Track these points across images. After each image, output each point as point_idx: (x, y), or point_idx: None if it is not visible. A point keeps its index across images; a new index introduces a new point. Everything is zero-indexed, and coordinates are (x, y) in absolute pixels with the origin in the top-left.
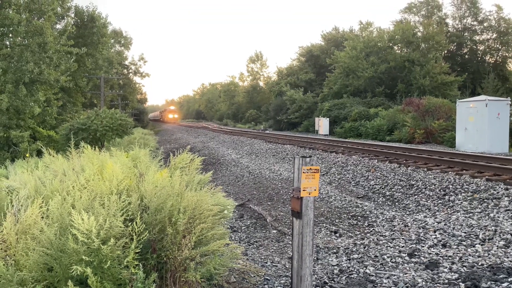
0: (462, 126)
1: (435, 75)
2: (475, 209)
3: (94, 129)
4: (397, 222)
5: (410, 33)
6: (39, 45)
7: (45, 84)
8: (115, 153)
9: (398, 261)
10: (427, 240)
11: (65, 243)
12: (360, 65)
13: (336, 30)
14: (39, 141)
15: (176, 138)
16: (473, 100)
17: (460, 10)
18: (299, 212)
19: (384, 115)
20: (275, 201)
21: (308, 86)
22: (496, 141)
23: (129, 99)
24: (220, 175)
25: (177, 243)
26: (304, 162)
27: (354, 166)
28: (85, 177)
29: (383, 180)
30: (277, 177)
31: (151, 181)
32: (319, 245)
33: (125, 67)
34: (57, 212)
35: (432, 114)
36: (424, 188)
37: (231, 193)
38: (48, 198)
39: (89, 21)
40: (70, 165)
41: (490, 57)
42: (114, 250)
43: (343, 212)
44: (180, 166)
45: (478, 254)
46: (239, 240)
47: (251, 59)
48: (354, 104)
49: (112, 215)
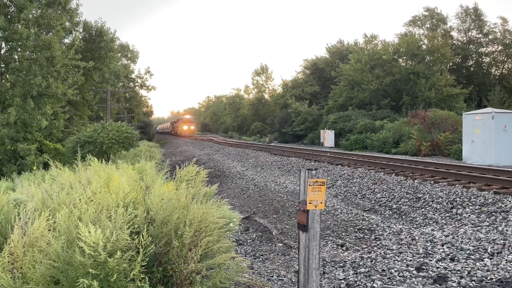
0: (468, 138)
1: (440, 87)
2: (483, 223)
3: (101, 142)
4: (404, 235)
5: (415, 46)
6: (47, 59)
7: (52, 98)
8: (121, 165)
9: (405, 275)
10: (435, 253)
11: (72, 255)
12: (365, 77)
13: (340, 43)
14: (45, 153)
15: (182, 150)
16: (479, 112)
17: (465, 23)
18: (305, 225)
19: (389, 128)
20: (280, 214)
21: (313, 98)
22: (503, 154)
23: (135, 112)
24: (226, 187)
25: (183, 256)
26: (310, 175)
27: (360, 179)
28: (92, 189)
29: (390, 193)
30: (283, 189)
31: (157, 194)
32: (326, 259)
33: (131, 80)
34: (64, 224)
35: (438, 127)
36: (431, 201)
37: (236, 205)
38: (55, 210)
39: (97, 35)
40: (77, 178)
41: (496, 69)
42: (121, 263)
43: (350, 225)
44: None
45: (486, 268)
46: (245, 253)
47: (256, 72)
48: (360, 117)
49: (118, 228)
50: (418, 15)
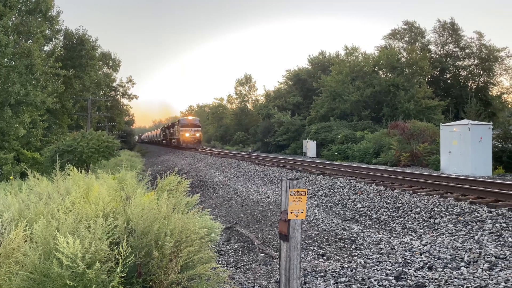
0: (446, 149)
1: (419, 99)
2: (460, 232)
3: (80, 151)
4: (383, 244)
5: (395, 59)
6: (26, 67)
7: (31, 106)
8: (102, 175)
9: (385, 284)
10: (413, 263)
11: (49, 267)
12: (346, 89)
13: (322, 55)
14: (23, 163)
15: (163, 160)
16: (457, 124)
17: (442, 37)
18: (286, 235)
19: (370, 138)
20: (262, 224)
21: (295, 109)
22: (479, 164)
23: (116, 120)
24: (208, 197)
25: (163, 267)
26: (291, 185)
27: (341, 189)
28: (71, 199)
29: (370, 202)
30: (265, 199)
31: (138, 204)
32: (307, 269)
33: (113, 89)
34: (42, 235)
35: (417, 138)
36: (410, 211)
37: (218, 215)
38: (32, 221)
39: (78, 43)
40: (55, 188)
41: (472, 82)
42: (99, 274)
43: (331, 235)
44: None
45: (463, 277)
46: (226, 263)
47: (239, 82)
48: (341, 127)
49: (97, 239)
50: (397, 29)
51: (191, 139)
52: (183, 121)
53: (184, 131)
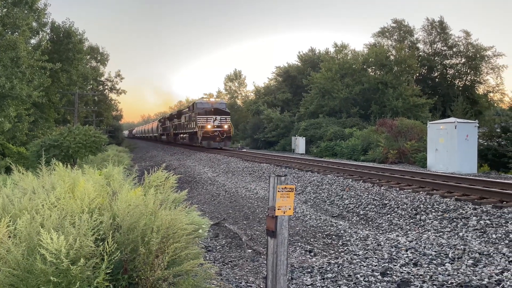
0: (433, 147)
1: (407, 97)
2: (445, 228)
3: (67, 146)
4: (370, 241)
5: (384, 56)
6: (11, 60)
7: (16, 99)
8: (88, 170)
9: (371, 280)
10: (399, 259)
11: (32, 263)
12: (335, 86)
13: (312, 51)
14: (8, 157)
15: (152, 155)
16: (443, 122)
17: (430, 35)
18: (273, 231)
19: (358, 135)
20: (251, 220)
21: (285, 105)
22: (465, 162)
23: (104, 115)
24: (196, 193)
25: (149, 263)
26: (279, 181)
27: (329, 185)
28: (56, 195)
29: (357, 199)
30: (253, 195)
31: (124, 200)
32: (294, 265)
33: (101, 83)
34: (25, 231)
35: (405, 135)
36: (396, 208)
37: (206, 212)
38: (16, 216)
39: (65, 36)
40: (40, 183)
41: (459, 80)
42: (84, 270)
43: (318, 231)
44: (155, 184)
45: (448, 273)
46: (214, 260)
47: (229, 77)
48: (330, 124)
49: (82, 235)
50: (386, 27)
51: (216, 133)
52: (202, 105)
53: (205, 120)
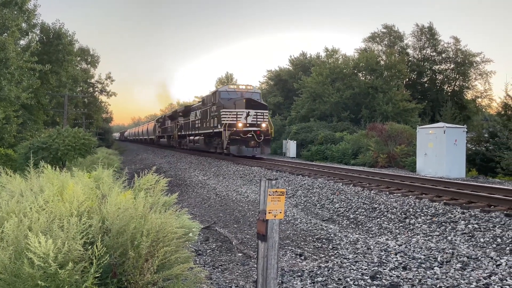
0: (422, 151)
1: (397, 102)
2: (434, 232)
3: (56, 148)
4: (360, 244)
5: (374, 61)
6: (0, 61)
7: (4, 101)
8: (77, 173)
9: (360, 284)
10: (388, 262)
11: (20, 267)
12: (326, 90)
13: (303, 56)
14: None
15: (142, 158)
16: (432, 127)
17: (420, 41)
18: (264, 235)
19: (349, 139)
20: (241, 224)
21: (276, 109)
22: (454, 166)
23: (94, 118)
24: (186, 197)
25: (139, 267)
26: (270, 185)
27: (319, 189)
28: (44, 198)
29: (348, 203)
30: (244, 199)
31: (114, 203)
32: (284, 268)
33: (91, 85)
34: (13, 234)
35: (395, 139)
36: (386, 211)
37: (197, 215)
38: (3, 220)
39: (55, 38)
40: (28, 186)
41: (448, 86)
42: (72, 274)
43: (309, 235)
44: (145, 187)
45: (436, 276)
46: (204, 263)
47: (220, 80)
48: (321, 128)
49: (71, 238)
50: (377, 32)
51: (251, 135)
52: (227, 94)
53: (234, 116)
